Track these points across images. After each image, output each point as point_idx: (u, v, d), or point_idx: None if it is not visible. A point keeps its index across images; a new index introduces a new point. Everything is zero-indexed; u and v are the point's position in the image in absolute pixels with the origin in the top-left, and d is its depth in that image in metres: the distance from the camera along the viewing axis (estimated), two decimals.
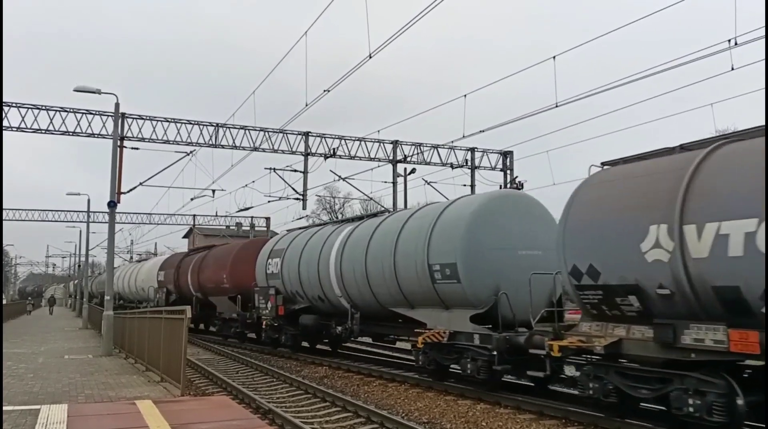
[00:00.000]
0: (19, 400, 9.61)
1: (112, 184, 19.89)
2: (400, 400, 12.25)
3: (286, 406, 11.86)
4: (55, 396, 10.21)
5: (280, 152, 25.84)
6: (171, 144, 24.17)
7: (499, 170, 29.39)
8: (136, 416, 7.19)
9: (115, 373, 13.48)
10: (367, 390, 13.52)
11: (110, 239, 20.45)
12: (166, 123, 24.10)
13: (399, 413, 10.99)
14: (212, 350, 22.96)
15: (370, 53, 14.68)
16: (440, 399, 12.07)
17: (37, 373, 13.36)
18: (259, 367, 17.36)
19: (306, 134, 26.06)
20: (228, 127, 24.92)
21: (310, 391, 13.22)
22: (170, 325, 11.44)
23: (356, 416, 10.78)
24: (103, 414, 7.67)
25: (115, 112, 20.67)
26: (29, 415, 7.89)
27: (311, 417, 10.83)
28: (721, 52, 12.90)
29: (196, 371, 16.80)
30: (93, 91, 19.26)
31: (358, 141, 26.94)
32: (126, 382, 11.93)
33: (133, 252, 69.14)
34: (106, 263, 21.30)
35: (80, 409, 8.14)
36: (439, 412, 10.94)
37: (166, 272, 32.81)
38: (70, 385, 11.53)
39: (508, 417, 10.39)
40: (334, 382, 14.64)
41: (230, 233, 48.11)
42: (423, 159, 28.05)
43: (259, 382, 15.10)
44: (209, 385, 14.69)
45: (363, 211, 63.00)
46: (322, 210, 66.70)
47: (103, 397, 10.18)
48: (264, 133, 25.38)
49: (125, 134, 23.14)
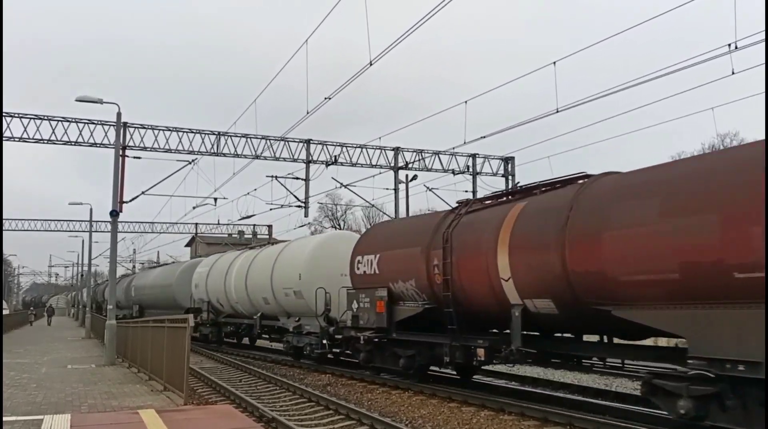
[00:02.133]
0: (23, 411, 9.59)
1: (114, 194, 19.92)
2: (404, 407, 12.21)
3: (289, 414, 11.82)
4: (58, 406, 10.18)
5: (281, 160, 25.89)
6: (173, 153, 24.27)
7: (501, 176, 29.40)
8: (139, 426, 7.18)
9: (118, 382, 13.46)
10: (371, 397, 13.48)
11: (113, 248, 20.48)
12: (167, 132, 24.17)
13: (403, 420, 10.94)
14: (215, 359, 22.92)
15: (371, 60, 14.72)
16: (444, 406, 12.03)
17: (40, 383, 13.35)
18: (261, 375, 17.32)
19: (307, 142, 26.10)
20: (229, 135, 24.99)
21: (313, 399, 13.18)
22: (172, 334, 11.42)
23: (360, 424, 10.74)
24: (106, 424, 7.66)
25: (117, 122, 20.73)
26: (32, 426, 7.87)
27: (315, 425, 10.80)
28: (722, 56, 12.93)
29: (199, 380, 16.77)
30: (95, 100, 19.31)
31: (360, 148, 26.99)
32: (129, 392, 11.91)
33: (135, 261, 69.22)
34: (109, 272, 21.33)
35: (83, 419, 8.12)
36: (443, 419, 10.90)
37: None
38: (73, 395, 11.51)
39: (512, 423, 10.35)
40: (338, 390, 14.60)
41: (233, 241, 48.12)
42: (424, 165, 28.09)
43: (262, 390, 15.06)
44: (212, 393, 14.66)
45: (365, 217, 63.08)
46: (324, 217, 66.84)
47: (106, 406, 10.15)
48: (265, 141, 25.45)
49: (127, 143, 23.20)
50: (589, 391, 13.65)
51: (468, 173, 28.73)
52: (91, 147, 23.33)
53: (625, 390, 13.80)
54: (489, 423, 10.47)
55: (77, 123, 23.11)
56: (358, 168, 27.24)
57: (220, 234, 51.83)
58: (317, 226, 64.51)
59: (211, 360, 22.74)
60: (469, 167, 28.71)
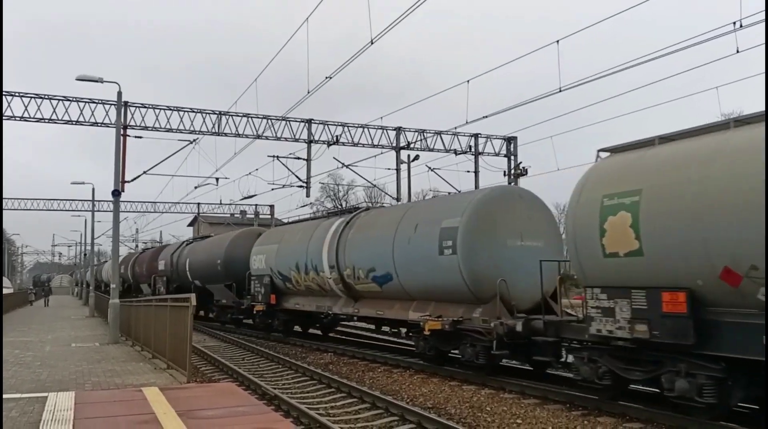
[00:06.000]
0: (27, 388, 9.68)
1: (116, 173, 19.90)
2: (405, 385, 12.31)
3: (291, 392, 11.93)
4: (62, 384, 10.28)
5: (283, 140, 25.78)
6: (174, 132, 24.16)
7: (503, 156, 29.27)
8: (143, 403, 7.24)
9: (121, 360, 13.57)
10: (372, 376, 13.58)
11: (115, 228, 20.51)
12: (168, 111, 24.06)
13: (404, 398, 11.04)
14: (218, 337, 23.08)
15: (372, 39, 14.59)
16: (445, 384, 12.13)
17: (44, 361, 13.46)
18: (264, 354, 17.46)
19: (309, 122, 25.99)
20: (231, 114, 24.88)
21: (315, 378, 13.29)
22: (176, 313, 11.48)
23: (361, 402, 10.84)
24: (110, 401, 7.73)
25: (117, 101, 20.63)
26: (37, 403, 7.95)
27: (316, 403, 10.90)
28: (727, 35, 12.79)
29: (202, 358, 16.91)
30: (95, 79, 19.20)
31: (362, 128, 26.87)
32: (132, 370, 12.01)
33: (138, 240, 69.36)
34: (112, 252, 21.36)
35: (87, 397, 8.20)
36: (443, 398, 10.99)
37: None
38: (77, 373, 11.61)
39: (513, 402, 10.43)
40: (339, 369, 14.71)
41: (235, 221, 48.15)
42: (426, 145, 27.97)
43: (264, 368, 15.19)
44: (215, 372, 14.78)
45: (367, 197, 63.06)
46: (326, 197, 66.77)
47: (109, 384, 10.24)
48: (267, 120, 25.33)
49: (128, 123, 23.11)
50: None
51: (470, 153, 28.61)
52: (92, 126, 23.28)
53: None
54: (489, 401, 10.55)
55: (78, 102, 23.02)
56: (360, 148, 27.15)
57: (223, 214, 51.84)
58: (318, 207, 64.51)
59: (214, 339, 22.89)
60: (471, 147, 28.59)
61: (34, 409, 7.62)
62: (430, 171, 27.45)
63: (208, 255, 27.33)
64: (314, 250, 18.46)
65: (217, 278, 25.95)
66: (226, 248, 25.24)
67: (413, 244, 14.10)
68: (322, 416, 9.50)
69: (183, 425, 6.00)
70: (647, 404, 9.46)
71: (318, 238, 18.53)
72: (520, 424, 9.03)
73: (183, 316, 10.69)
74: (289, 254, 20.05)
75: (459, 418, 9.55)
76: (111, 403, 7.50)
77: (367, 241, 16.09)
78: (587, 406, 9.80)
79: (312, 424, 9.10)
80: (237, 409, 6.87)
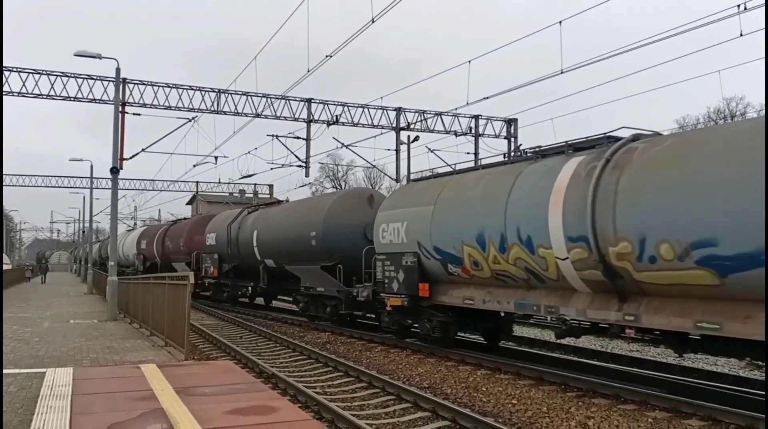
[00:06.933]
0: (25, 364, 9.74)
1: (115, 151, 19.81)
2: (402, 365, 12.39)
3: (289, 370, 12.01)
4: (60, 359, 10.33)
5: (282, 119, 25.64)
6: (173, 110, 24.02)
7: (503, 138, 29.19)
8: (141, 379, 7.28)
9: (119, 337, 13.63)
10: (369, 356, 13.66)
11: (113, 205, 20.48)
12: (167, 89, 23.89)
13: (400, 378, 11.12)
14: (216, 316, 23.18)
15: (373, 18, 14.47)
16: (441, 365, 12.20)
17: (42, 337, 13.51)
18: (262, 332, 17.54)
19: (308, 101, 25.84)
20: (230, 92, 24.73)
21: (312, 357, 13.37)
22: (174, 291, 11.51)
23: (358, 381, 10.92)
24: (108, 377, 7.77)
25: (116, 78, 20.47)
26: (35, 378, 7.99)
27: (314, 381, 10.97)
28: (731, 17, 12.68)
29: (200, 336, 16.99)
30: (93, 55, 19.05)
31: (361, 108, 26.73)
32: (131, 347, 12.06)
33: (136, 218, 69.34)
34: (110, 229, 21.34)
35: (85, 373, 8.24)
36: (440, 378, 11.06)
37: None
38: (75, 349, 11.66)
39: (508, 382, 10.51)
40: (337, 348, 14.79)
41: (233, 200, 48.11)
42: (426, 126, 27.85)
43: (262, 347, 15.27)
44: (213, 349, 14.86)
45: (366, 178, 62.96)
46: (325, 177, 66.63)
47: (107, 360, 10.29)
48: (266, 99, 25.18)
49: (127, 100, 22.97)
50: (584, 351, 13.84)
51: (470, 135, 28.51)
52: (90, 103, 23.11)
53: (620, 351, 13.98)
54: (485, 381, 10.63)
55: (76, 78, 22.84)
56: (360, 128, 27.02)
57: (221, 192, 51.80)
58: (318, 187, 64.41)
59: (212, 317, 22.99)
60: (471, 129, 28.48)
61: (33, 384, 7.66)
62: (429, 152, 27.37)
63: (291, 226, 20.43)
64: (523, 212, 10.85)
65: (308, 257, 19.23)
66: (325, 216, 18.41)
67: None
68: (319, 395, 9.57)
69: (180, 402, 6.03)
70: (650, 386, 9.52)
71: (531, 191, 10.86)
72: (515, 405, 9.10)
73: (181, 294, 10.72)
74: (459, 220, 12.47)
75: (455, 398, 9.63)
76: (109, 380, 7.54)
77: (686, 192, 8.26)
78: (582, 387, 9.88)
79: (309, 402, 9.17)
80: (234, 386, 6.92)
